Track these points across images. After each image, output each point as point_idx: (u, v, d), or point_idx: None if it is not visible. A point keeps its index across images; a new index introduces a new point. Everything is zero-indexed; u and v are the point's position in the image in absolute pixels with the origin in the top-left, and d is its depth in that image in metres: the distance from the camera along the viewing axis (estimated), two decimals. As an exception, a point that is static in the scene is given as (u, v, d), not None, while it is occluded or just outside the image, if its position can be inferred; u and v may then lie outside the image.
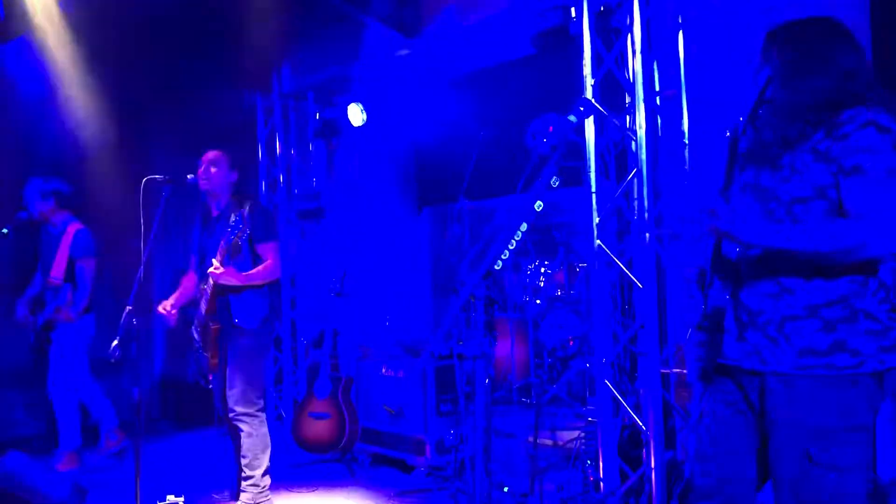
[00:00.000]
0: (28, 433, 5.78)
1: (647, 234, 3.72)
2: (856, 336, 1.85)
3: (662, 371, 3.72)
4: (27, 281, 5.16)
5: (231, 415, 3.83)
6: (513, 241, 1.94)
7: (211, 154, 3.95)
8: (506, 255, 1.95)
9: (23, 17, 4.42)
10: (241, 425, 3.83)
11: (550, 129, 2.17)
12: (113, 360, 3.31)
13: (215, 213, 3.99)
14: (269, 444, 3.96)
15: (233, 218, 3.78)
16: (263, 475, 3.90)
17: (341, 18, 4.93)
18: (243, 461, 3.87)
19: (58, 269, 4.88)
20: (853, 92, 1.88)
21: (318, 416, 4.83)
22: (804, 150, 1.89)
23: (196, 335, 3.91)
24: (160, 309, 3.94)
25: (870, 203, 1.79)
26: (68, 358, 4.90)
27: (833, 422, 1.85)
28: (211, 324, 3.79)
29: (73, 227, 4.96)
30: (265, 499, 3.91)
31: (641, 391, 3.83)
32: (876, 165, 1.79)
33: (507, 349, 5.97)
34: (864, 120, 1.82)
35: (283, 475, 4.75)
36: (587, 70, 3.84)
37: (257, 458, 3.87)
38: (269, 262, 3.85)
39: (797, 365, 1.87)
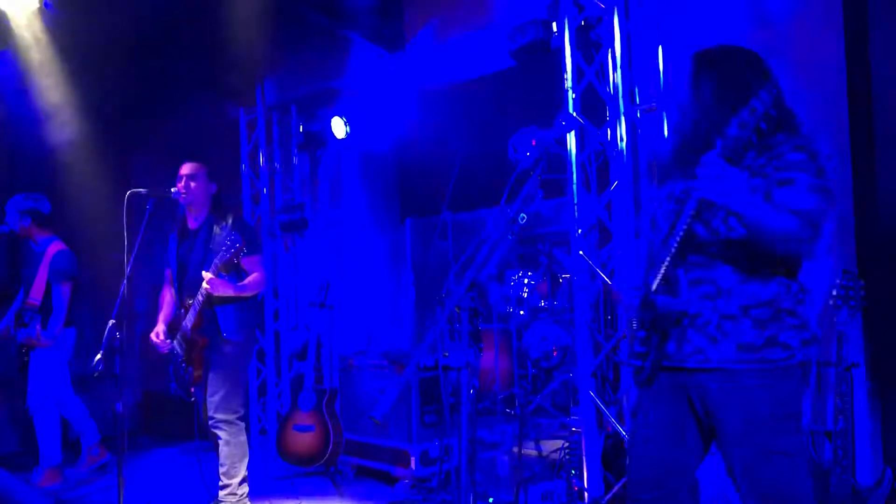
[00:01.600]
0: (8, 449, 5.71)
1: (629, 245, 3.77)
2: (784, 331, 2.04)
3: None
4: (8, 294, 5.13)
5: (211, 422, 3.81)
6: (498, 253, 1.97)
7: (189, 166, 3.93)
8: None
9: (5, 31, 4.41)
10: (220, 433, 3.82)
11: (533, 142, 2.21)
12: (95, 375, 3.30)
13: (194, 225, 3.96)
14: (248, 452, 3.96)
15: (217, 230, 3.78)
16: (241, 483, 3.89)
17: (325, 33, 4.96)
18: (221, 469, 3.86)
19: (37, 290, 4.83)
20: (780, 119, 2.03)
21: (302, 429, 4.81)
22: (741, 166, 2.02)
23: (179, 349, 3.89)
24: (153, 337, 3.91)
25: (801, 206, 1.94)
26: (48, 373, 4.86)
27: (776, 410, 2.03)
28: (198, 338, 3.78)
29: (54, 248, 4.91)
30: None
31: (624, 401, 3.87)
32: (802, 180, 1.97)
33: (492, 360, 5.99)
34: (797, 144, 2.03)
35: (267, 488, 4.73)
36: (568, 83, 3.90)
37: (235, 467, 3.86)
38: (255, 274, 3.85)
39: (738, 359, 2.04)
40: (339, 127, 5.75)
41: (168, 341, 3.87)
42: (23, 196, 4.86)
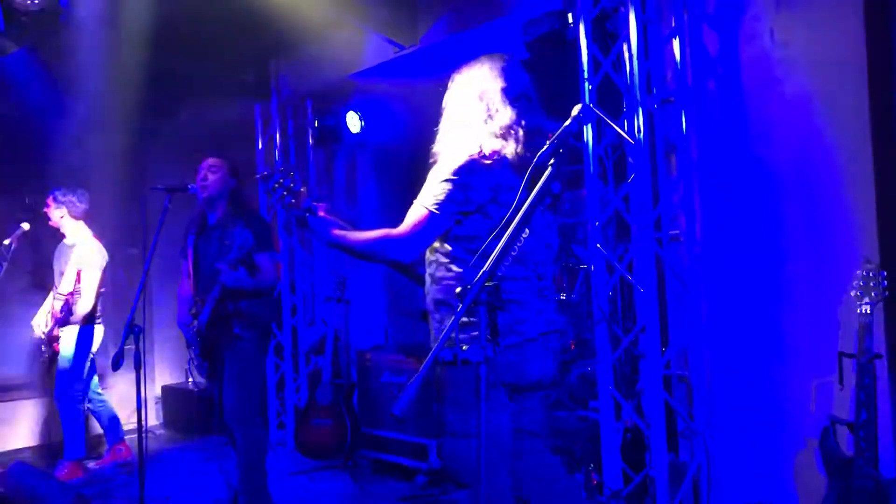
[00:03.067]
0: (34, 442, 5.78)
1: (647, 237, 3.74)
2: (460, 331, 2.35)
3: (664, 373, 3.73)
4: (40, 288, 5.22)
5: (227, 417, 3.82)
6: (515, 245, 1.95)
7: (209, 160, 3.93)
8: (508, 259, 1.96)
9: (24, 28, 4.45)
10: (239, 430, 3.82)
11: (550, 135, 2.19)
12: (115, 370, 3.32)
13: (212, 220, 3.97)
14: (266, 449, 3.96)
15: (233, 228, 3.78)
16: (259, 478, 3.89)
17: (339, 26, 4.95)
18: (240, 466, 3.86)
19: (67, 282, 4.91)
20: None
21: (320, 423, 4.83)
22: None
23: (195, 344, 3.89)
24: (178, 322, 3.94)
25: None
26: (75, 368, 4.91)
27: (450, 396, 2.44)
28: (213, 334, 3.79)
29: (84, 240, 5.00)
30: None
31: (643, 394, 3.85)
32: None
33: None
34: None
35: (285, 482, 4.76)
36: (585, 75, 3.87)
37: (254, 463, 3.86)
38: (268, 270, 3.85)
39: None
40: (353, 121, 5.76)
41: (193, 326, 3.87)
42: (61, 189, 4.96)
